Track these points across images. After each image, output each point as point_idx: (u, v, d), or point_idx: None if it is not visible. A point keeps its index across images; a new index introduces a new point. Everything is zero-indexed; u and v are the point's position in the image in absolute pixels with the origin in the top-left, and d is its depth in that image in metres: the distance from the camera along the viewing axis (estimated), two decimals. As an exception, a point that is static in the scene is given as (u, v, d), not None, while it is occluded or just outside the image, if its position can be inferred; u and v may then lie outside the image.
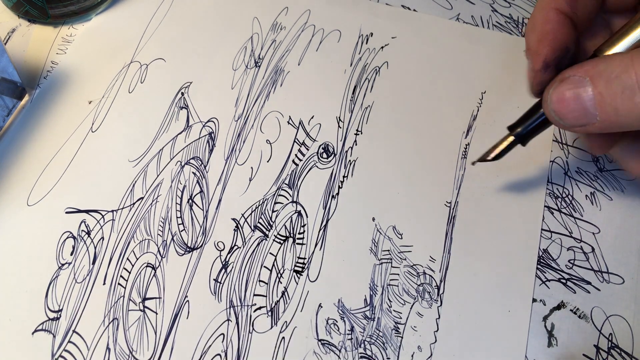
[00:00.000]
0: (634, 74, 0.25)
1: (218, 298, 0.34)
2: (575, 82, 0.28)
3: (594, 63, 0.27)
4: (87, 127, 0.39)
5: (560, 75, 0.29)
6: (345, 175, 0.37)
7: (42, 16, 0.43)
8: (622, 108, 0.26)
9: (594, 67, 0.27)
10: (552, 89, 0.29)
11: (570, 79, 0.28)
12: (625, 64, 0.26)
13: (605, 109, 0.27)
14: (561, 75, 0.29)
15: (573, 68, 0.28)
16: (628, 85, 0.26)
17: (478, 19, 0.44)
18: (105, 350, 0.32)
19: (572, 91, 0.28)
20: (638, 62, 0.25)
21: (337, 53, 0.42)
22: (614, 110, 0.27)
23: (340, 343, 0.33)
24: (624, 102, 0.26)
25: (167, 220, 0.36)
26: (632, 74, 0.26)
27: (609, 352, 0.32)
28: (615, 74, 0.26)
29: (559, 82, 0.29)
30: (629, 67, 0.26)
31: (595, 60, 0.27)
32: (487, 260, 0.35)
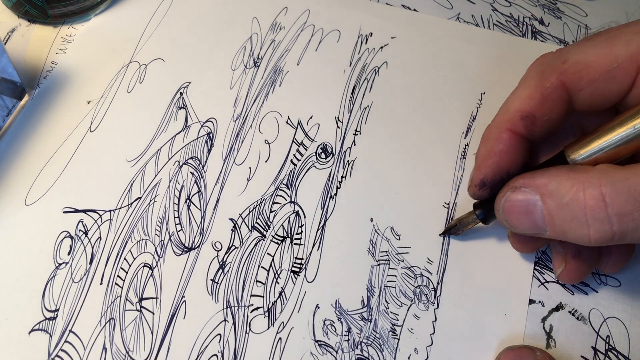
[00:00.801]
0: (584, 206, 0.25)
1: (215, 298, 0.34)
2: (525, 194, 0.28)
3: (546, 180, 0.27)
4: (86, 127, 0.39)
5: (512, 183, 0.29)
6: (344, 175, 0.37)
7: (42, 16, 0.43)
8: (572, 232, 0.27)
9: (545, 185, 0.27)
10: (503, 198, 0.29)
11: (520, 191, 0.28)
12: (576, 192, 0.26)
13: (554, 228, 0.27)
14: (512, 182, 0.29)
15: (525, 177, 0.28)
16: (577, 216, 0.26)
17: (478, 19, 0.44)
18: (101, 350, 0.32)
19: (522, 205, 0.28)
20: (589, 193, 0.25)
21: (337, 53, 0.42)
22: (563, 232, 0.27)
23: (337, 344, 0.33)
24: (573, 228, 0.26)
25: (164, 220, 0.36)
26: (582, 206, 0.26)
27: (606, 354, 0.32)
28: (566, 200, 0.26)
29: (511, 191, 0.29)
30: (578, 196, 0.26)
31: (547, 177, 0.27)
32: (484, 263, 0.35)
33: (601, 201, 0.25)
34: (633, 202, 0.25)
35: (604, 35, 0.28)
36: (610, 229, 0.25)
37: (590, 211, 0.25)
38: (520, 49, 0.42)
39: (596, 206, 0.25)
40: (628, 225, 0.25)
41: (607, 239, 0.26)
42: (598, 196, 0.25)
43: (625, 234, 0.25)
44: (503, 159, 0.30)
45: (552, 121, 0.30)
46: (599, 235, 0.26)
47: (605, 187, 0.25)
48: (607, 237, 0.26)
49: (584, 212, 0.26)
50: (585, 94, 0.29)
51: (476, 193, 0.32)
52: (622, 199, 0.25)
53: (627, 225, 0.25)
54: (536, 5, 0.45)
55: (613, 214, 0.25)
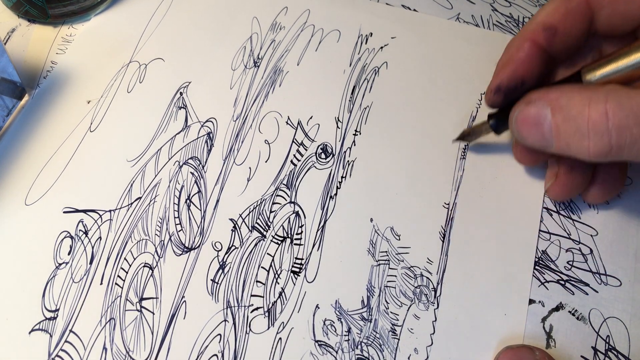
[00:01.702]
0: (587, 119, 0.27)
1: (215, 298, 0.34)
2: (537, 107, 0.30)
3: (558, 94, 0.29)
4: (86, 127, 0.39)
5: (528, 97, 0.31)
6: (344, 175, 0.37)
7: (42, 16, 0.43)
8: (574, 145, 0.28)
9: (556, 98, 0.29)
10: (517, 110, 0.31)
11: (534, 104, 0.30)
12: (582, 106, 0.27)
13: (559, 141, 0.29)
14: (528, 96, 0.31)
15: (540, 92, 0.30)
16: (580, 128, 0.28)
17: (478, 19, 0.44)
18: (102, 350, 0.32)
19: (534, 117, 0.30)
20: (594, 107, 0.27)
21: (337, 53, 0.42)
22: (566, 145, 0.29)
23: (337, 344, 0.33)
24: (576, 141, 0.28)
25: (164, 220, 0.36)
26: (585, 119, 0.27)
27: (606, 354, 0.32)
28: (572, 113, 0.28)
29: (525, 104, 0.31)
30: (584, 111, 0.27)
31: (560, 91, 0.29)
32: (484, 263, 0.35)
33: (604, 115, 0.26)
34: (634, 118, 0.26)
35: None
36: (608, 142, 0.27)
37: (592, 124, 0.27)
38: (520, 49, 0.42)
39: (598, 119, 0.27)
40: (625, 139, 0.26)
41: (604, 152, 0.27)
42: (602, 110, 0.27)
43: (622, 148, 0.27)
44: (520, 67, 0.32)
45: (572, 37, 0.32)
46: (597, 148, 0.27)
47: (610, 102, 0.26)
48: (605, 150, 0.27)
49: (586, 125, 0.27)
50: (607, 13, 0.31)
51: (491, 99, 0.34)
52: (623, 114, 0.26)
53: (624, 138, 0.26)
54: (536, 6, 0.45)
55: (613, 127, 0.26)
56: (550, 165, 0.35)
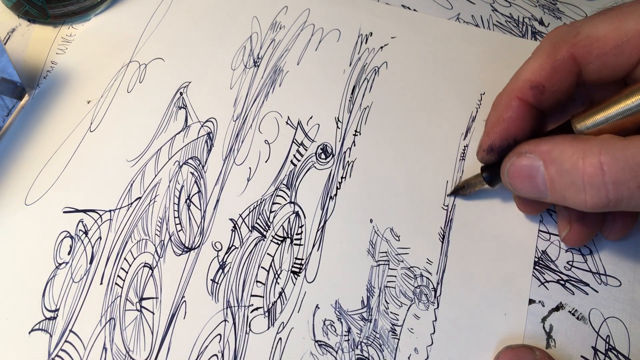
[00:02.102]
0: (582, 173, 0.27)
1: (215, 298, 0.34)
2: (530, 160, 0.29)
3: (550, 147, 0.28)
4: (86, 127, 0.39)
5: (518, 149, 0.30)
6: (344, 176, 0.37)
7: (42, 16, 0.43)
8: (570, 198, 0.28)
9: (548, 151, 0.28)
10: (508, 163, 0.31)
11: (525, 157, 0.30)
12: (576, 158, 0.27)
13: (555, 193, 0.29)
14: (519, 148, 0.30)
15: (531, 144, 0.30)
16: (575, 182, 0.27)
17: (478, 19, 0.44)
18: (102, 350, 0.32)
19: (526, 170, 0.29)
20: (589, 160, 0.26)
21: (337, 53, 0.42)
22: (562, 197, 0.28)
23: (337, 344, 0.33)
24: (572, 195, 0.28)
25: (164, 220, 0.36)
26: (580, 173, 0.27)
27: (606, 354, 0.32)
28: (566, 167, 0.27)
29: (516, 156, 0.30)
30: (578, 164, 0.27)
31: (552, 143, 0.28)
32: (484, 263, 0.35)
33: (599, 169, 0.26)
34: (630, 171, 0.25)
35: (616, 10, 0.29)
36: (605, 196, 0.26)
37: (587, 178, 0.26)
38: (520, 49, 0.42)
39: (594, 173, 0.26)
40: (623, 193, 0.26)
41: (602, 205, 0.27)
42: (596, 164, 0.26)
43: (620, 201, 0.26)
44: (511, 126, 0.31)
45: (560, 92, 0.31)
46: (594, 201, 0.27)
47: (604, 155, 0.26)
48: (602, 204, 0.27)
49: (582, 179, 0.27)
50: (595, 67, 0.30)
51: (484, 157, 0.33)
52: (619, 167, 0.26)
53: (622, 193, 0.26)
54: (536, 6, 0.45)
55: (609, 182, 0.26)
56: (559, 213, 0.35)
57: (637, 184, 0.26)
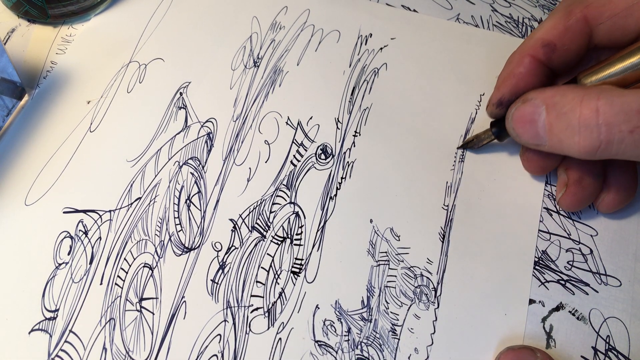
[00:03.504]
0: (579, 115, 0.28)
1: (215, 299, 0.34)
2: (533, 106, 0.31)
3: (553, 93, 0.30)
4: (86, 127, 0.39)
5: (524, 96, 0.32)
6: (344, 176, 0.37)
7: (42, 16, 0.43)
8: (565, 142, 0.29)
9: (551, 96, 0.30)
10: (514, 108, 0.32)
11: (530, 102, 0.31)
12: (575, 102, 0.28)
13: (552, 138, 0.30)
14: (525, 95, 0.32)
15: (536, 91, 0.31)
16: (571, 124, 0.28)
17: (478, 19, 0.44)
18: (101, 350, 0.32)
19: (529, 115, 0.31)
20: (586, 103, 0.28)
21: (336, 54, 0.42)
22: (559, 141, 0.29)
23: (337, 344, 0.33)
24: (567, 137, 0.29)
25: (164, 221, 0.36)
26: (577, 115, 0.28)
27: (606, 354, 0.32)
28: (565, 110, 0.29)
29: (522, 102, 0.31)
30: (576, 107, 0.28)
31: (555, 90, 0.30)
32: (484, 263, 0.35)
33: (594, 111, 0.27)
34: (623, 115, 0.27)
35: None
36: (597, 137, 0.27)
37: (583, 120, 0.28)
38: (520, 49, 0.42)
39: (589, 115, 0.27)
40: (614, 136, 0.27)
41: (594, 147, 0.28)
42: (593, 107, 0.27)
43: (611, 144, 0.27)
44: (521, 81, 0.33)
45: (571, 52, 0.32)
46: (586, 143, 0.28)
47: (602, 100, 0.27)
48: (594, 145, 0.28)
49: (577, 121, 0.28)
50: (605, 28, 0.31)
51: (493, 112, 0.35)
52: (613, 111, 0.27)
53: (613, 135, 0.27)
54: (536, 6, 0.45)
55: (603, 124, 0.27)
56: (559, 175, 0.36)
57: (629, 128, 0.27)
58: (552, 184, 0.37)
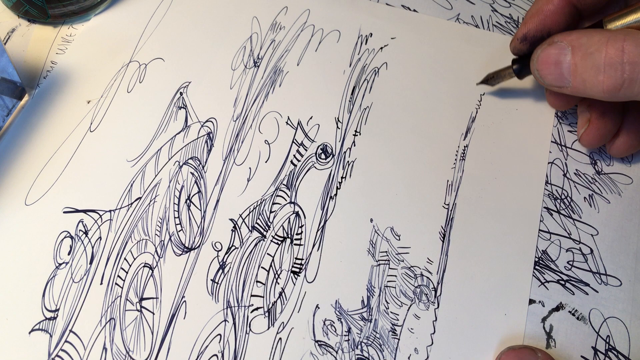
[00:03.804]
0: (605, 54, 0.29)
1: (215, 298, 0.34)
2: (559, 48, 0.31)
3: (579, 35, 0.31)
4: (86, 127, 0.39)
5: (550, 39, 0.33)
6: (344, 176, 0.37)
7: (42, 16, 0.43)
8: (589, 81, 0.30)
9: (577, 38, 0.31)
10: (540, 50, 0.33)
11: (556, 44, 0.32)
12: (601, 43, 0.29)
13: (576, 78, 0.30)
14: (551, 38, 0.33)
15: (562, 34, 0.32)
16: (596, 63, 0.29)
17: (478, 19, 0.44)
18: (102, 350, 0.32)
19: (554, 56, 0.31)
20: (612, 44, 0.29)
21: (337, 53, 0.42)
22: (582, 81, 0.30)
23: (337, 344, 0.33)
24: (591, 77, 0.30)
25: (164, 221, 0.36)
26: (603, 54, 0.29)
27: (606, 354, 0.32)
28: (591, 50, 0.29)
29: (547, 44, 0.32)
30: (602, 47, 0.29)
31: (581, 32, 0.31)
32: (485, 263, 0.35)
33: (620, 51, 0.28)
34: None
35: None
36: (621, 75, 0.28)
37: (608, 59, 0.29)
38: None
39: (614, 55, 0.28)
40: (638, 74, 0.28)
41: (617, 86, 0.29)
42: (619, 47, 0.28)
43: (634, 82, 0.28)
44: (548, 18, 0.34)
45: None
46: (610, 81, 0.29)
47: (627, 41, 0.28)
48: (617, 84, 0.29)
49: (603, 60, 0.29)
50: None
51: (517, 46, 0.36)
52: (638, 50, 0.28)
53: (637, 73, 0.28)
54: (536, 6, 0.45)
55: (627, 62, 0.28)
56: (581, 113, 0.37)
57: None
58: (552, 184, 0.37)
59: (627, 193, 0.37)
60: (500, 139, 0.38)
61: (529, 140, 0.39)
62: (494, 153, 0.38)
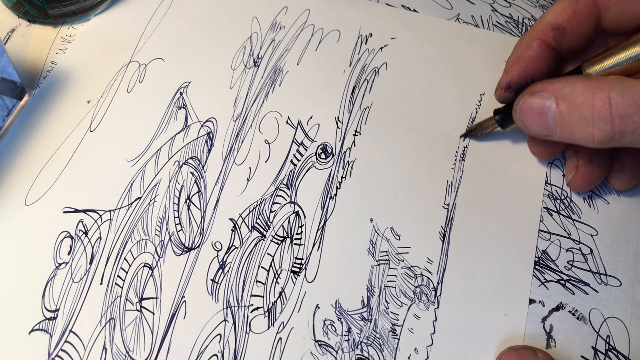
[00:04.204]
0: (592, 107, 0.28)
1: (215, 298, 0.34)
2: (542, 97, 0.31)
3: (561, 85, 0.30)
4: (86, 127, 0.39)
5: (531, 88, 0.32)
6: (344, 176, 0.37)
7: (42, 16, 0.43)
8: (578, 132, 0.29)
9: (560, 89, 0.30)
10: (521, 100, 0.32)
11: (538, 95, 0.31)
12: (586, 94, 0.29)
13: (563, 128, 0.30)
14: (532, 87, 0.32)
15: (543, 83, 0.31)
16: (584, 116, 0.29)
17: (478, 19, 0.44)
18: (102, 350, 0.32)
19: (538, 107, 0.31)
20: (598, 95, 0.28)
21: (337, 53, 0.42)
22: (570, 132, 0.30)
23: (337, 344, 0.33)
24: (580, 129, 0.29)
25: (164, 220, 0.36)
26: (590, 107, 0.28)
27: (606, 354, 0.32)
28: (577, 102, 0.29)
29: (529, 94, 0.32)
30: (588, 99, 0.29)
31: (563, 82, 0.30)
32: (485, 263, 0.35)
33: (607, 103, 0.28)
34: (635, 106, 0.27)
35: None
36: (611, 129, 0.28)
37: (596, 111, 0.28)
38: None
39: (602, 107, 0.28)
40: (628, 126, 0.28)
41: (608, 138, 0.29)
42: (605, 99, 0.28)
43: (624, 134, 0.28)
44: (530, 65, 0.33)
45: (580, 36, 0.33)
46: (601, 134, 0.29)
47: (613, 91, 0.28)
48: (608, 136, 0.29)
49: (591, 113, 0.29)
50: (614, 13, 0.32)
51: (502, 95, 0.35)
52: (626, 102, 0.28)
53: (626, 126, 0.28)
54: (536, 6, 0.45)
55: (616, 115, 0.28)
56: (568, 158, 0.36)
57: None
58: (552, 184, 0.37)
59: (626, 194, 0.37)
60: (500, 139, 0.38)
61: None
62: (493, 153, 0.38)
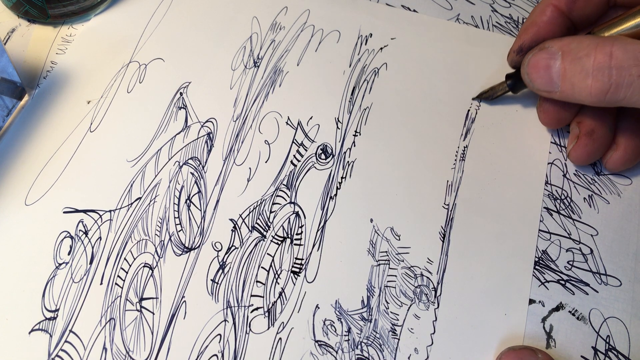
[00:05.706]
0: (594, 59, 0.29)
1: (215, 298, 0.34)
2: (549, 53, 0.32)
3: (569, 40, 0.31)
4: (86, 127, 0.39)
5: (542, 44, 0.33)
6: (344, 176, 0.37)
7: (42, 16, 0.43)
8: (577, 85, 0.30)
9: (567, 43, 0.31)
10: (531, 55, 0.33)
11: (546, 50, 0.32)
12: (590, 48, 0.30)
13: (565, 83, 0.31)
14: (542, 44, 0.33)
15: (553, 40, 0.33)
16: (585, 68, 0.30)
17: (478, 20, 0.44)
18: (102, 350, 0.32)
19: (545, 60, 0.32)
20: (601, 49, 0.29)
21: (336, 54, 0.42)
22: (571, 86, 0.31)
23: (337, 344, 0.33)
24: (580, 81, 0.30)
25: (164, 221, 0.36)
26: (592, 59, 0.30)
27: (606, 354, 0.32)
28: (580, 55, 0.30)
29: (539, 49, 0.33)
30: (591, 52, 0.30)
31: (571, 38, 0.31)
32: (484, 263, 0.35)
33: (608, 55, 0.29)
34: (634, 60, 0.29)
35: None
36: (608, 80, 0.29)
37: (597, 63, 0.29)
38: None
39: (602, 59, 0.29)
40: (624, 78, 0.29)
41: (604, 90, 0.30)
42: (607, 52, 0.29)
43: (620, 87, 0.29)
44: (542, 29, 0.35)
45: (592, 4, 0.34)
46: (598, 85, 0.30)
47: (615, 46, 0.29)
48: (604, 88, 0.30)
49: (592, 65, 0.30)
50: None
51: (514, 59, 0.37)
52: (625, 56, 0.29)
53: (623, 78, 0.29)
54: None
55: (614, 66, 0.29)
56: (572, 129, 0.37)
57: (638, 72, 0.29)
58: (552, 184, 0.37)
59: (627, 194, 0.37)
60: (499, 139, 0.39)
61: (529, 141, 0.39)
62: (493, 153, 0.38)
